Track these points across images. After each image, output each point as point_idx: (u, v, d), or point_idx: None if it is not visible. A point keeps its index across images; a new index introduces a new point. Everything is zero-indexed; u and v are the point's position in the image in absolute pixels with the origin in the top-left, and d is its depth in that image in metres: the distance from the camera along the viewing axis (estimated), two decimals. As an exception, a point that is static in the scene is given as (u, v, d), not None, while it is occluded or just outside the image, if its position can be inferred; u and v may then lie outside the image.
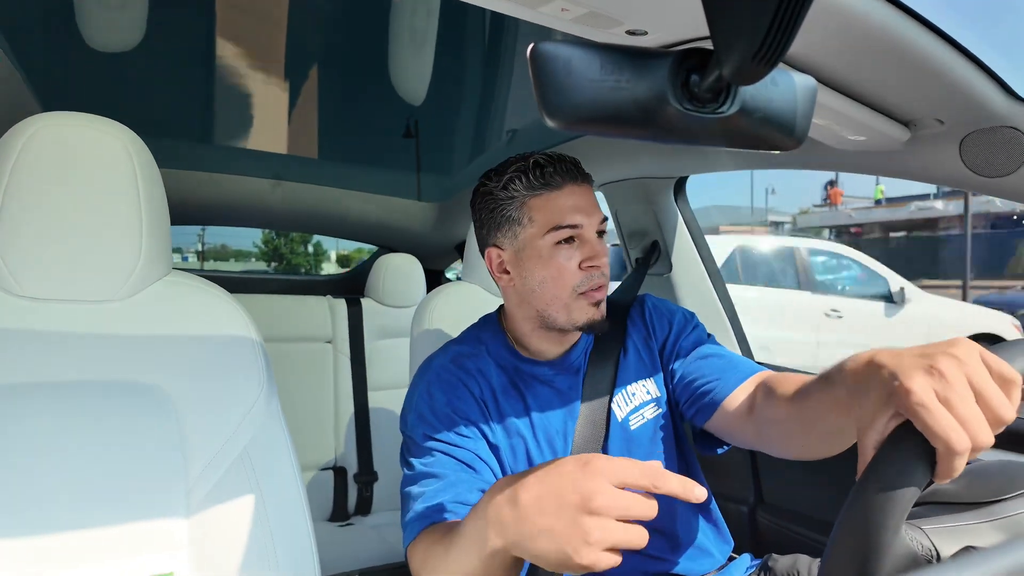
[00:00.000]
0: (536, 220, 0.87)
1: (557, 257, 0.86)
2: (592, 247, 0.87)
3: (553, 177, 0.86)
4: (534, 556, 0.55)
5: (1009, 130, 0.79)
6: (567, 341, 0.95)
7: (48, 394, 0.66)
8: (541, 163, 0.87)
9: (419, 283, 2.20)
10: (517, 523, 0.55)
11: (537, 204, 0.87)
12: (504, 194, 0.88)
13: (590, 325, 0.88)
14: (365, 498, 1.98)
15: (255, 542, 0.71)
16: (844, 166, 1.02)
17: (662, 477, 0.53)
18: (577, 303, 0.87)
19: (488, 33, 1.22)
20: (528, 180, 0.87)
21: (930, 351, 0.52)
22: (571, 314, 0.88)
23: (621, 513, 0.52)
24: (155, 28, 1.12)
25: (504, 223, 0.90)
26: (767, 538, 1.38)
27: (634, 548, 0.52)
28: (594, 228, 0.88)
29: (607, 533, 0.51)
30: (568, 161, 0.89)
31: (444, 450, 0.84)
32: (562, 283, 0.87)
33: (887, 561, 0.44)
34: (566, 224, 0.86)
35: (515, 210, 0.88)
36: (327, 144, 1.84)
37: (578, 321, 0.88)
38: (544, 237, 0.86)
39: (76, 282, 0.70)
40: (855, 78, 0.74)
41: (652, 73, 0.45)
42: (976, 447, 0.47)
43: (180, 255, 22.10)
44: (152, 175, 0.74)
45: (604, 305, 0.89)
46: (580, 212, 0.86)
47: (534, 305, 0.90)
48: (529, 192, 0.87)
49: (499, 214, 0.90)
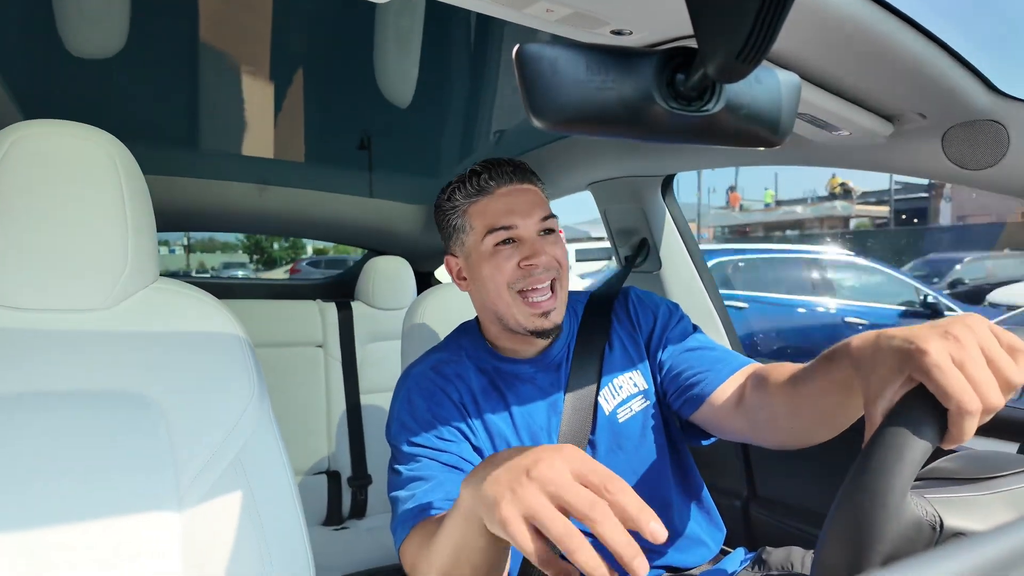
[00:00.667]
0: (475, 226, 0.91)
1: (496, 256, 0.89)
2: (530, 246, 0.89)
3: (488, 183, 0.91)
4: (478, 500, 0.54)
5: (990, 123, 0.80)
6: (539, 342, 0.95)
7: (36, 404, 0.66)
8: (477, 171, 0.92)
9: (409, 285, 2.20)
10: (481, 473, 0.55)
11: (475, 210, 0.92)
12: (449, 205, 0.94)
13: (537, 331, 0.89)
14: (359, 501, 1.98)
15: (249, 548, 0.70)
16: (828, 161, 1.03)
17: (617, 487, 0.50)
18: (517, 304, 0.89)
19: (474, 35, 1.22)
20: (465, 188, 0.92)
21: (943, 322, 0.54)
22: (516, 316, 0.89)
23: (553, 487, 0.49)
24: (137, 34, 1.11)
25: (453, 232, 0.95)
26: (761, 532, 1.39)
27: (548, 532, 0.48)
28: (533, 228, 0.90)
29: (530, 497, 0.49)
30: (507, 164, 0.92)
31: (429, 455, 0.84)
32: (501, 280, 0.89)
33: (893, 524, 0.44)
34: (500, 226, 0.89)
35: (459, 219, 0.93)
36: (313, 148, 1.83)
37: (525, 325, 0.89)
38: (484, 240, 0.90)
39: (62, 291, 0.69)
40: (838, 74, 0.75)
41: (637, 72, 0.45)
42: (987, 409, 0.49)
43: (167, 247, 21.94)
44: (137, 182, 0.73)
45: (557, 313, 0.90)
46: (514, 213, 0.89)
47: (489, 307, 0.93)
48: (467, 200, 0.92)
49: (448, 224, 0.95)
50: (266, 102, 1.48)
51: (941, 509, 0.48)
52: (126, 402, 0.70)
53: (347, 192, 2.11)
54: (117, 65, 1.21)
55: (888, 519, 0.44)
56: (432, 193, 2.28)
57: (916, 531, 0.46)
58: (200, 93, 1.43)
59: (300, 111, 1.55)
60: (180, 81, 1.37)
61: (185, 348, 0.75)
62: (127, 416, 0.69)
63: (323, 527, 1.92)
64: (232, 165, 1.89)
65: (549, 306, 0.88)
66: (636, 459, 0.94)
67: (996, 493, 0.51)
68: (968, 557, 0.24)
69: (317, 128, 1.68)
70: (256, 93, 1.44)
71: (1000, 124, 0.79)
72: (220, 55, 1.27)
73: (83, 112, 1.47)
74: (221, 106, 1.50)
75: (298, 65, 1.35)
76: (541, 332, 0.89)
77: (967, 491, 0.51)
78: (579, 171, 1.52)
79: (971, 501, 0.50)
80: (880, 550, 0.44)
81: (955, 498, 0.50)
